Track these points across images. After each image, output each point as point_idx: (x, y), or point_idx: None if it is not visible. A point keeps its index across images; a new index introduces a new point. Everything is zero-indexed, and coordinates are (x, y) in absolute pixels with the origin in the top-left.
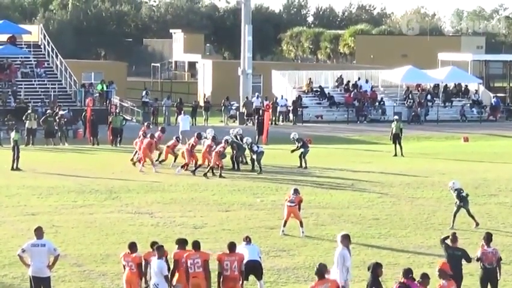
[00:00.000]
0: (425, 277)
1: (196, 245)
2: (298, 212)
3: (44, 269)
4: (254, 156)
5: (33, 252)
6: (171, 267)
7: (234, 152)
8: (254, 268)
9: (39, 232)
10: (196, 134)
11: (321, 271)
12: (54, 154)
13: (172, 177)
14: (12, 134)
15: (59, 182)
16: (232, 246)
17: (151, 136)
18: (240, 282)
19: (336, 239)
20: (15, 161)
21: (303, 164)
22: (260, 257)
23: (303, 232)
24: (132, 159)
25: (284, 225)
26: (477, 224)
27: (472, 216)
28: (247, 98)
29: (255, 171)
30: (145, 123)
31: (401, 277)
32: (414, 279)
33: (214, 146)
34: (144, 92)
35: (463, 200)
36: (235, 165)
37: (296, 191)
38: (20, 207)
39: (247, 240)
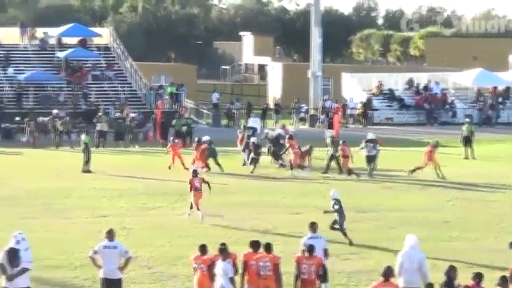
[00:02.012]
0: (504, 281)
1: (268, 248)
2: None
3: (115, 271)
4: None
5: (105, 254)
6: (239, 269)
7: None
8: None
9: (110, 234)
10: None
11: (387, 274)
12: (124, 156)
13: (242, 180)
14: (83, 137)
15: (129, 184)
16: (311, 249)
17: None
18: (317, 286)
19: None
20: (86, 163)
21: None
22: (326, 250)
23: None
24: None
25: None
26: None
27: (334, 229)
28: (324, 100)
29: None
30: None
31: (471, 280)
32: (479, 283)
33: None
34: (215, 94)
35: (339, 211)
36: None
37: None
38: (90, 209)
39: (313, 227)
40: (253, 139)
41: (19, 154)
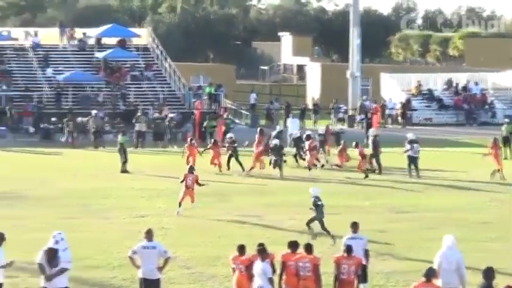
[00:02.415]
0: None
1: (308, 248)
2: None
3: (154, 271)
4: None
5: (144, 254)
6: (277, 269)
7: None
8: None
9: (149, 234)
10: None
11: (429, 275)
12: (162, 157)
13: (280, 181)
14: (119, 137)
15: (167, 185)
16: (349, 249)
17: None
18: (355, 286)
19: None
20: (124, 163)
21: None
22: (367, 251)
23: None
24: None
25: None
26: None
27: (326, 230)
28: (361, 100)
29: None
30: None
31: None
32: None
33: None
34: (252, 95)
35: (318, 209)
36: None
37: None
38: (129, 210)
39: (354, 227)
40: (275, 141)
41: (58, 154)
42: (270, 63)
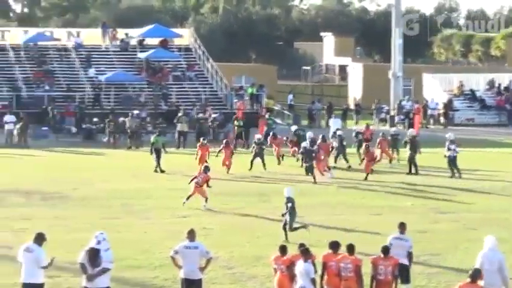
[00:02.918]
0: None
1: (351, 249)
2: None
3: (196, 271)
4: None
5: (186, 254)
6: (318, 270)
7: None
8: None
9: (192, 234)
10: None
11: (475, 275)
12: None
13: (321, 182)
14: (151, 138)
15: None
16: (386, 250)
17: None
18: (394, 287)
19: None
20: (157, 163)
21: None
22: (411, 254)
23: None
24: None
25: None
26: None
27: (294, 228)
28: (400, 101)
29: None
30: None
31: None
32: None
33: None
34: (289, 96)
35: (290, 211)
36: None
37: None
38: (170, 210)
39: (401, 228)
40: (304, 144)
41: (100, 154)
42: (312, 64)
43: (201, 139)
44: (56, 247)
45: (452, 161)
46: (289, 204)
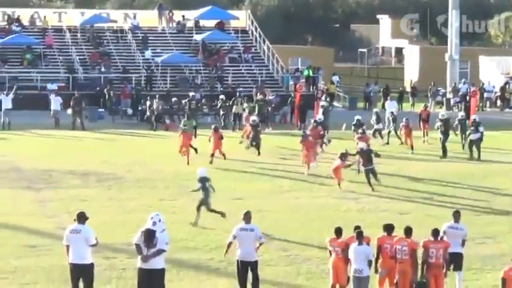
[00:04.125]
0: None
1: (408, 232)
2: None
3: (252, 253)
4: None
5: (242, 236)
6: (373, 252)
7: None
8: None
9: (247, 216)
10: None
11: None
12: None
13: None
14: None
15: (265, 167)
16: (436, 233)
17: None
18: (444, 270)
19: None
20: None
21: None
22: (464, 241)
23: None
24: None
25: None
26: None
27: (213, 210)
28: (454, 84)
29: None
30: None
31: None
32: None
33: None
34: (334, 77)
35: (205, 191)
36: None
37: None
38: (226, 191)
39: (456, 216)
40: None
41: (155, 137)
42: (369, 46)
43: (213, 126)
44: (112, 228)
45: (476, 143)
46: (199, 185)
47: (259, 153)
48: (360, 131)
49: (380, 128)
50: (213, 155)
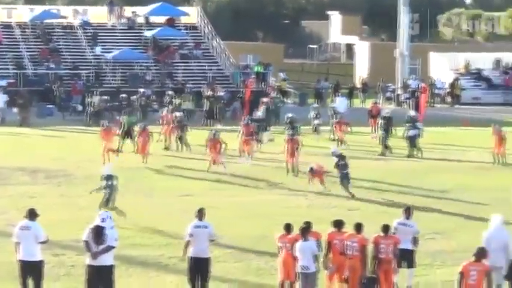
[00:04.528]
0: None
1: (358, 228)
2: None
3: (205, 250)
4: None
5: (196, 233)
6: (323, 248)
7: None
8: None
9: (201, 213)
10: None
11: (480, 254)
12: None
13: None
14: (123, 118)
15: (206, 164)
16: (386, 229)
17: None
18: (394, 265)
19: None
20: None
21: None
22: (416, 238)
23: None
24: None
25: None
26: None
27: (115, 208)
28: (404, 80)
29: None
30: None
31: None
32: None
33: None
34: (281, 74)
35: (111, 189)
36: None
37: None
38: (173, 189)
39: (407, 213)
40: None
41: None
42: (319, 42)
43: (103, 122)
44: (61, 225)
45: (412, 140)
46: (105, 182)
47: (185, 149)
48: (290, 132)
49: (319, 123)
50: (143, 154)
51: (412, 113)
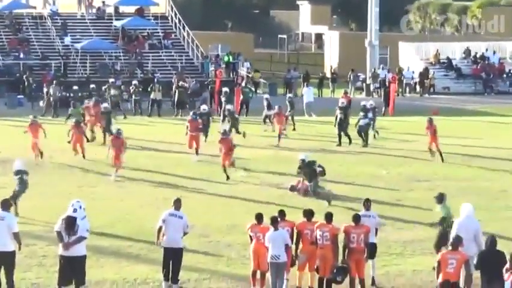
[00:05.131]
0: None
1: (329, 218)
2: None
3: (178, 240)
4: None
5: (170, 222)
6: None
7: None
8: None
9: (178, 204)
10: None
11: (456, 243)
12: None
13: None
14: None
15: (186, 154)
16: (356, 219)
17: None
18: (365, 254)
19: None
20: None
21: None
22: (377, 230)
23: None
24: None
25: None
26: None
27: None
28: (374, 69)
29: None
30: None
31: None
32: None
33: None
34: (245, 64)
35: (22, 184)
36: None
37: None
38: (145, 178)
39: (367, 205)
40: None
41: None
42: (288, 32)
43: (31, 116)
44: (32, 215)
45: (361, 130)
46: (19, 176)
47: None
48: (221, 131)
49: (269, 114)
50: (75, 149)
51: (365, 102)
